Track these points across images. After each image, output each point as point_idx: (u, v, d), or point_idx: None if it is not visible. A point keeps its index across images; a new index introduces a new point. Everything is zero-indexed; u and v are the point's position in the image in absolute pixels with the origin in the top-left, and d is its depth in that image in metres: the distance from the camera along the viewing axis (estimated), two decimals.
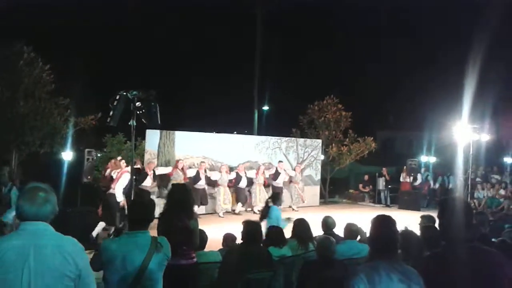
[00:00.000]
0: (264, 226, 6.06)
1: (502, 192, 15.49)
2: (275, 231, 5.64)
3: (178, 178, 11.97)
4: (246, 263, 4.62)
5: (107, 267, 3.25)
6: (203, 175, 12.62)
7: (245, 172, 13.76)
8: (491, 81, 17.81)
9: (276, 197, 8.33)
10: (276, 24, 22.99)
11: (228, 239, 6.18)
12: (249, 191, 13.84)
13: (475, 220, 4.21)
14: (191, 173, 12.52)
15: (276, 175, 14.22)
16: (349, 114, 17.61)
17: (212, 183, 13.16)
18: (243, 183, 13.58)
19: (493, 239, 5.52)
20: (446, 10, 24.92)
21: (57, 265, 2.45)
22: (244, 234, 4.89)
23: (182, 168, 12.24)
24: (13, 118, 10.70)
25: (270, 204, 7.92)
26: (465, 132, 13.51)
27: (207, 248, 5.59)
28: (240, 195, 13.61)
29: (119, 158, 10.78)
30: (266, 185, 14.14)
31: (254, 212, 13.50)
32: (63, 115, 11.62)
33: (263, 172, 13.92)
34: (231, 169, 13.61)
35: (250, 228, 4.88)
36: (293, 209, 14.40)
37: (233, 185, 13.54)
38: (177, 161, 12.41)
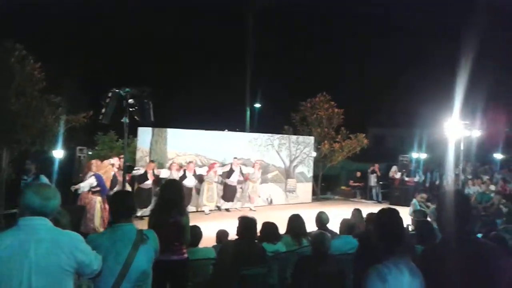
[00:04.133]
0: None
1: (492, 187, 15.63)
2: (269, 227, 5.66)
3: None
4: (240, 259, 4.63)
5: None
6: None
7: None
8: (482, 78, 17.95)
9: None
10: (268, 20, 22.93)
11: (222, 235, 6.19)
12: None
13: None
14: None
15: (230, 172, 13.46)
16: (341, 111, 17.66)
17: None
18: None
19: (486, 234, 5.60)
20: (438, 7, 25.07)
21: (55, 259, 2.49)
22: (239, 230, 4.90)
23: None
24: (4, 116, 10.59)
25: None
26: (456, 128, 13.61)
27: (202, 245, 5.61)
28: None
29: (112, 161, 10.74)
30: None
31: (251, 209, 13.50)
32: (55, 113, 11.52)
33: (215, 169, 13.13)
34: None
35: (245, 224, 4.89)
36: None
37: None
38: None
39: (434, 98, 19.43)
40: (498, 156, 21.78)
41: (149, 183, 11.75)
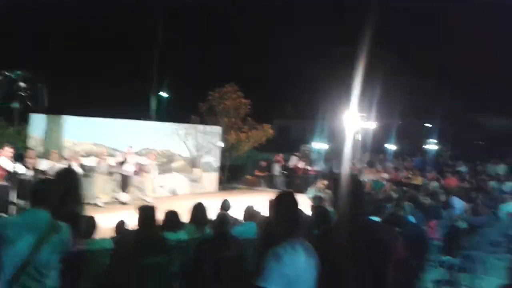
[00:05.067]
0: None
1: (385, 175, 16.85)
2: (171, 216, 5.55)
3: None
4: (140, 248, 4.50)
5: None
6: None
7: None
8: (377, 72, 19.19)
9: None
10: (177, 9, 22.46)
11: (121, 226, 5.95)
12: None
13: None
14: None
15: (125, 162, 12.81)
16: (248, 101, 17.87)
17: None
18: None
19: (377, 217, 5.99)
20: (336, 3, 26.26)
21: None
22: (139, 219, 4.74)
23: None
24: None
25: None
26: (353, 120, 14.43)
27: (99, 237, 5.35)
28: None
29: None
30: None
31: (145, 201, 12.82)
32: None
33: (106, 159, 12.53)
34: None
35: (145, 213, 4.74)
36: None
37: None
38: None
39: (335, 91, 20.38)
40: (391, 146, 23.58)
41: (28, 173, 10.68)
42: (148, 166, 13.37)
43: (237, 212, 6.38)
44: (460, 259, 6.54)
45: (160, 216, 5.28)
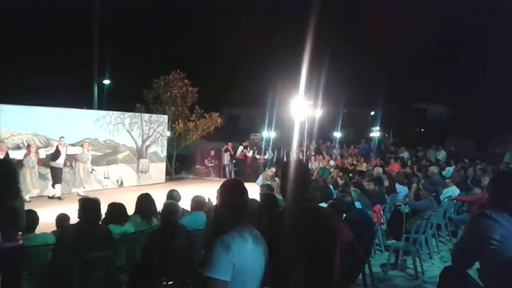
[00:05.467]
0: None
1: (332, 162, 17.23)
2: (116, 208, 5.37)
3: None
4: (82, 242, 4.35)
5: None
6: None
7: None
8: (323, 61, 19.49)
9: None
10: None
11: (62, 219, 5.68)
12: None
13: None
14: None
15: (57, 153, 12.04)
16: (196, 90, 17.57)
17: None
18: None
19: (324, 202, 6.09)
20: None
21: None
22: (80, 212, 4.56)
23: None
24: None
25: None
26: (301, 108, 14.54)
27: (39, 232, 5.09)
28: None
29: None
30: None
31: (79, 194, 11.98)
32: None
33: (36, 151, 11.72)
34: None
35: (86, 205, 4.56)
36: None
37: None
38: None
39: (283, 79, 20.53)
40: (337, 134, 24.14)
41: None
42: (83, 155, 12.68)
43: (186, 202, 6.26)
44: (404, 243, 6.76)
45: (103, 208, 5.09)
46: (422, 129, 34.89)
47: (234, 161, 18.24)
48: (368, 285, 5.69)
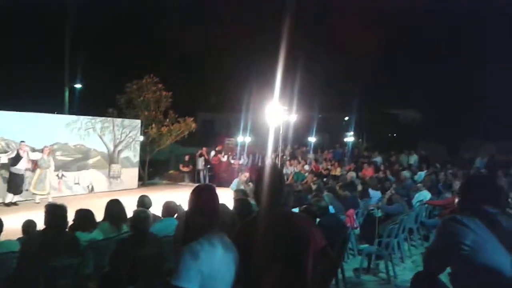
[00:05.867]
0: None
1: (306, 167, 17.29)
2: (84, 215, 5.22)
3: None
4: (48, 250, 4.21)
5: None
6: None
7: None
8: (299, 66, 19.62)
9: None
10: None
11: (29, 226, 5.48)
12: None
13: None
14: None
15: (17, 159, 11.64)
16: (170, 94, 17.39)
17: None
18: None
19: (298, 207, 6.06)
20: None
21: None
22: (46, 219, 4.41)
23: None
24: None
25: None
26: (276, 113, 14.54)
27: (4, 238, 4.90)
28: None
29: None
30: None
31: (35, 202, 11.76)
32: None
33: None
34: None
35: (52, 212, 4.41)
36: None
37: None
38: None
39: (258, 84, 20.56)
40: (312, 139, 24.28)
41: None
42: (43, 161, 12.10)
43: (158, 208, 6.13)
44: (377, 247, 6.79)
45: (71, 215, 4.94)
46: (395, 134, 35.46)
47: (208, 166, 18.11)
48: None
